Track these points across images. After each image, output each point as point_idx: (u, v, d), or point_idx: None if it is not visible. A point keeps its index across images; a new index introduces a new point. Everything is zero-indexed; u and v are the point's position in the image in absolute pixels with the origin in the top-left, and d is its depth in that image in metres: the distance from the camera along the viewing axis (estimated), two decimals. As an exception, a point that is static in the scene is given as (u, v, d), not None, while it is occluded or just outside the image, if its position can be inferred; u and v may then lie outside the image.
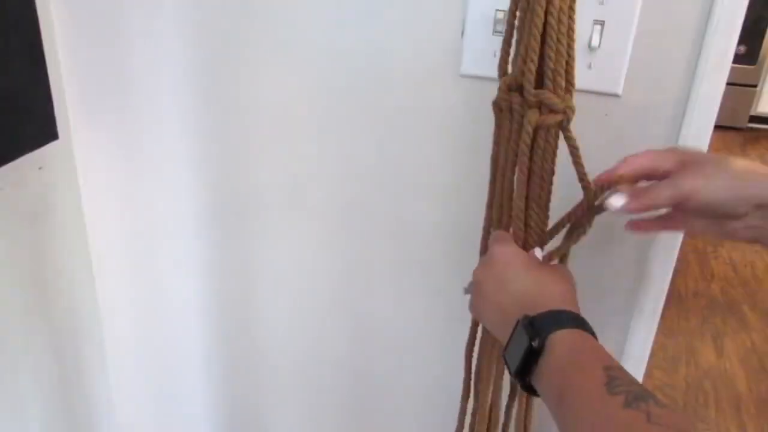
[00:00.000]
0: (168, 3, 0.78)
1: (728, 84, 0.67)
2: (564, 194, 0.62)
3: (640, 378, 0.78)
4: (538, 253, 0.61)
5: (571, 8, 0.53)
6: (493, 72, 0.63)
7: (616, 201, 0.54)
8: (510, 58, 0.60)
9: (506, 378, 0.65)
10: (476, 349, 0.73)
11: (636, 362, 0.81)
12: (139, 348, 1.04)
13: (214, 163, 0.87)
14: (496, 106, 0.62)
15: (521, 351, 0.50)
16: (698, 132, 0.68)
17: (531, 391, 0.52)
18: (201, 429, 1.10)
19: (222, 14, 0.78)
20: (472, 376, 0.73)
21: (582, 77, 0.69)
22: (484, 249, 0.69)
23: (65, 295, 0.94)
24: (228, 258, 0.94)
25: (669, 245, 0.75)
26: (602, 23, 0.67)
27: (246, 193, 0.88)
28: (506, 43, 0.59)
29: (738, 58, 3.93)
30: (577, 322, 0.51)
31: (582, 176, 0.59)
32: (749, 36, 4.06)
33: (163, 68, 0.82)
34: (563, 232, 0.63)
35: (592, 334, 0.51)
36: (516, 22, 0.58)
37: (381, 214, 0.84)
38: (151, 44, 0.81)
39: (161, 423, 1.11)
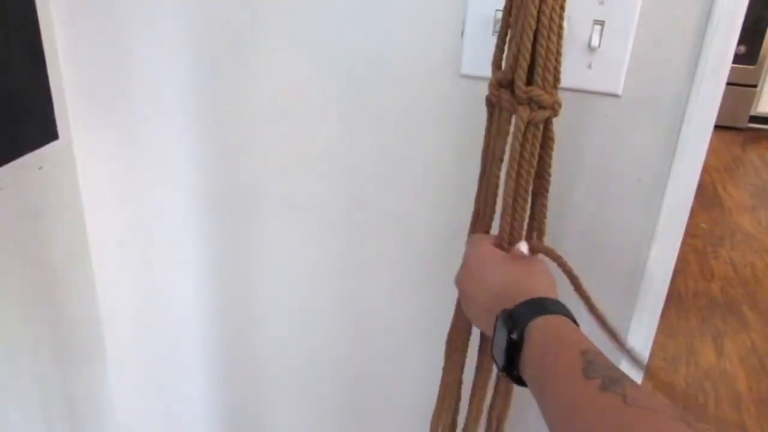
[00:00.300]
0: (168, 3, 0.78)
1: (728, 84, 0.67)
2: (556, 192, 0.62)
3: (639, 378, 0.78)
4: (524, 247, 0.61)
5: (562, 7, 0.54)
6: (493, 72, 0.63)
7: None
8: (504, 55, 0.61)
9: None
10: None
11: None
12: (139, 348, 1.04)
13: (215, 163, 0.87)
14: (488, 101, 0.62)
15: (503, 345, 0.51)
16: (698, 132, 0.68)
17: (522, 383, 0.52)
18: (201, 429, 1.10)
19: (222, 14, 0.78)
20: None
21: (582, 77, 0.69)
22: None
23: (65, 295, 0.94)
24: (228, 258, 0.94)
25: (669, 245, 0.75)
26: (602, 23, 0.67)
27: (246, 194, 0.88)
28: (501, 40, 0.60)
29: (738, 58, 3.93)
30: (554, 307, 0.51)
31: (546, 168, 0.61)
32: (749, 36, 4.06)
33: (163, 68, 0.82)
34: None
35: (571, 318, 0.51)
36: (510, 20, 0.58)
37: (381, 214, 0.84)
38: (151, 44, 0.81)
39: (161, 423, 1.11)
